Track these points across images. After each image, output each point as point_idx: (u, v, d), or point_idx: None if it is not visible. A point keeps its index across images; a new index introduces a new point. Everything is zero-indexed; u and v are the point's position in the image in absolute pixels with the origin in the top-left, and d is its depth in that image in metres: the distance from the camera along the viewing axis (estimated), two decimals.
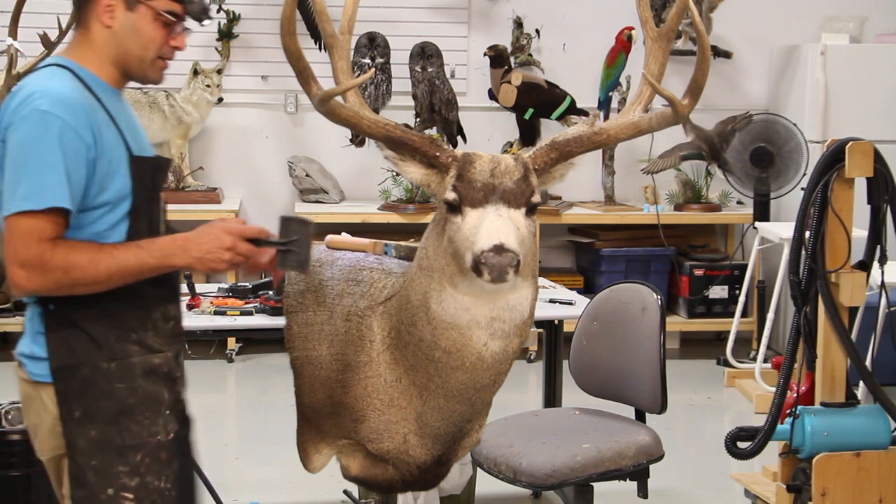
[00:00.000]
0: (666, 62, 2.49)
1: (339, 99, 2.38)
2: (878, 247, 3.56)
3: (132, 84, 2.59)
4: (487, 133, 6.80)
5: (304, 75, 2.36)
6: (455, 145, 6.36)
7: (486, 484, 3.90)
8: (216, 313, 3.82)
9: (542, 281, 4.36)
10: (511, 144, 6.59)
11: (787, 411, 3.53)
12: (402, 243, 2.77)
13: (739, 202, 6.83)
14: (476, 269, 2.21)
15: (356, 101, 2.40)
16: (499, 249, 2.19)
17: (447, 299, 2.34)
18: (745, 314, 6.25)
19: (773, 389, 3.61)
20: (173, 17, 2.48)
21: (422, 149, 2.38)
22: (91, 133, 2.31)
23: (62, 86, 2.33)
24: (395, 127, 2.38)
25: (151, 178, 2.46)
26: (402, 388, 2.51)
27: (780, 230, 5.75)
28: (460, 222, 2.29)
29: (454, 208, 2.31)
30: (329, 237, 2.85)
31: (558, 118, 6.43)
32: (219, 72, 6.40)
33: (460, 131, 6.51)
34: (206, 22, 2.62)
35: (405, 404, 2.52)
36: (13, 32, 3.94)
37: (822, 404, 3.57)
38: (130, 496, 2.38)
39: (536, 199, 2.34)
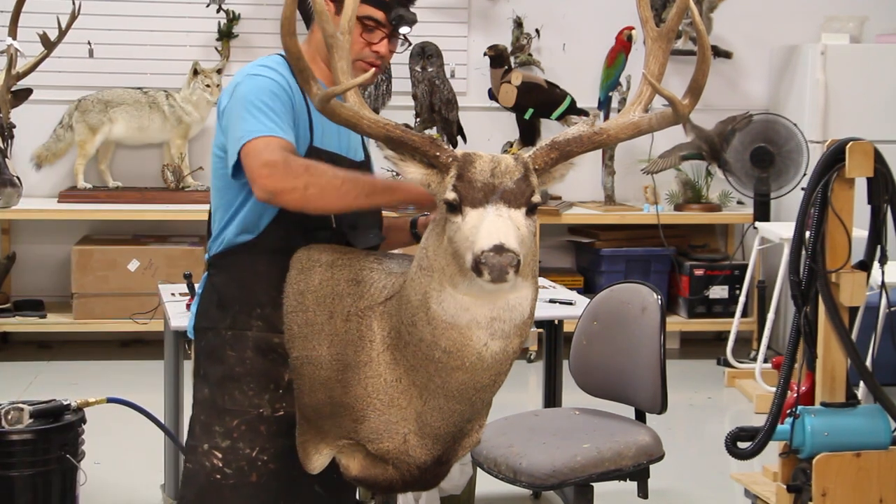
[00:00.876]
0: (666, 62, 2.49)
1: (338, 99, 2.38)
2: (879, 247, 3.56)
3: (131, 83, 2.69)
4: (487, 133, 6.80)
5: (304, 75, 2.37)
6: (455, 145, 6.36)
7: (486, 484, 3.90)
8: None
9: (542, 281, 4.36)
10: (511, 144, 6.59)
11: (788, 411, 3.53)
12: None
13: (739, 202, 6.83)
14: (476, 269, 2.21)
15: (356, 100, 2.40)
16: (499, 249, 2.19)
17: (447, 299, 2.34)
18: (745, 314, 6.25)
19: (773, 389, 3.61)
20: (373, 22, 2.67)
21: (422, 149, 2.38)
22: (291, 99, 2.59)
23: (268, 61, 2.63)
24: (395, 127, 2.38)
25: None
26: (403, 388, 2.51)
27: (780, 230, 5.75)
28: (460, 222, 2.29)
29: (454, 208, 2.31)
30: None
31: (558, 118, 6.43)
32: (219, 72, 6.41)
33: (460, 131, 6.51)
34: (405, 30, 2.74)
35: (405, 404, 2.52)
36: (13, 32, 3.92)
37: (823, 404, 3.57)
38: (219, 455, 2.60)
39: (537, 199, 2.34)
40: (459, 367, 2.38)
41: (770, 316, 5.81)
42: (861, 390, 3.91)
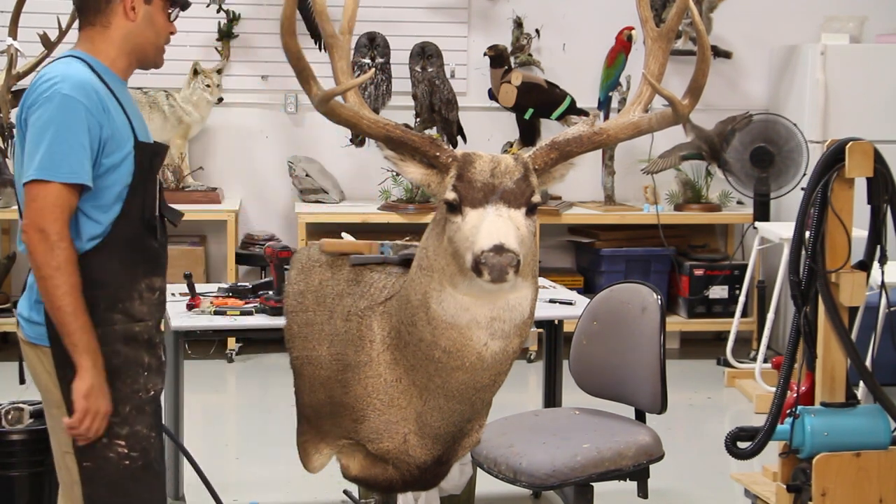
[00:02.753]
0: (666, 62, 2.49)
1: (339, 99, 2.38)
2: (878, 247, 3.56)
3: (132, 83, 2.70)
4: (487, 133, 6.80)
5: (304, 75, 2.37)
6: (455, 145, 6.35)
7: (486, 484, 3.90)
8: (216, 313, 3.82)
9: (542, 281, 4.36)
10: (511, 144, 6.59)
11: (787, 411, 3.53)
12: (398, 242, 2.76)
13: (739, 202, 6.83)
14: (476, 269, 2.21)
15: (356, 100, 2.40)
16: (499, 249, 2.19)
17: (447, 299, 2.34)
18: (745, 314, 6.25)
19: (773, 389, 3.61)
20: (173, 5, 2.75)
21: (422, 149, 2.38)
22: (104, 116, 2.54)
23: (80, 73, 2.56)
24: (395, 127, 2.38)
25: (150, 161, 2.66)
26: (402, 388, 2.51)
27: (780, 230, 5.75)
28: (460, 222, 2.29)
29: (454, 208, 2.31)
30: (323, 240, 2.83)
31: (558, 118, 6.43)
32: (219, 72, 6.41)
33: (460, 131, 6.51)
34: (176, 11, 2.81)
35: (405, 404, 2.52)
36: (13, 32, 3.93)
37: (822, 404, 3.57)
38: (122, 443, 2.61)
39: (536, 199, 2.34)
40: (459, 367, 2.38)
41: (770, 316, 5.81)
42: (861, 390, 3.91)
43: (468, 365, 2.38)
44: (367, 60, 6.29)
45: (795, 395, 3.54)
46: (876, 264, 3.56)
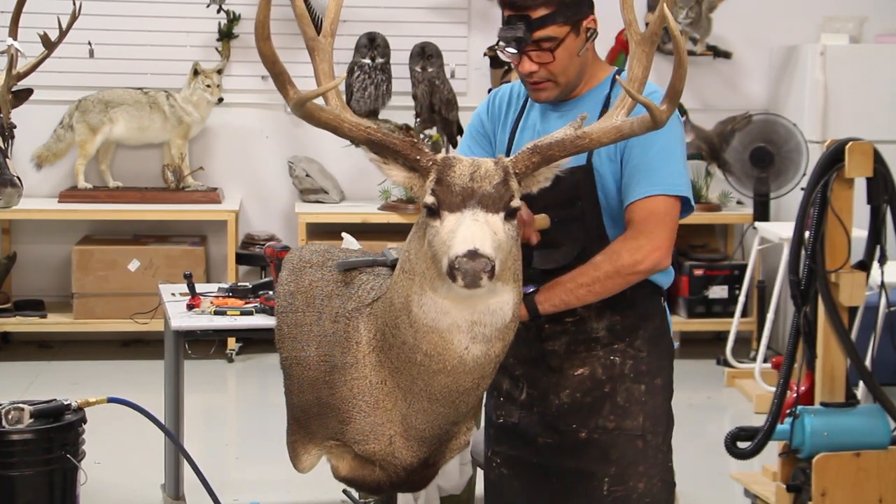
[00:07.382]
0: (650, 66, 2.48)
1: (320, 102, 2.34)
2: (878, 247, 3.56)
3: (132, 84, 2.67)
4: None
5: (280, 79, 2.30)
6: (455, 145, 6.36)
7: None
8: (216, 313, 3.82)
9: None
10: None
11: (787, 411, 3.53)
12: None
13: (739, 202, 6.83)
14: (450, 274, 2.19)
15: (337, 103, 2.35)
16: (472, 255, 2.17)
17: (427, 303, 2.33)
18: (744, 314, 6.26)
19: (773, 389, 3.62)
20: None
21: (403, 152, 2.36)
22: None
23: None
24: (376, 130, 2.35)
25: None
26: (387, 390, 2.50)
27: (780, 230, 5.76)
28: (438, 226, 2.27)
29: (433, 212, 2.29)
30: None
31: None
32: (219, 72, 6.41)
33: (460, 131, 6.51)
34: (511, 51, 2.79)
35: (390, 406, 2.52)
36: (14, 33, 3.92)
37: (822, 404, 3.57)
38: None
39: (516, 203, 2.31)
40: (441, 371, 2.37)
41: (770, 316, 5.82)
42: (860, 390, 3.92)
43: (450, 368, 2.37)
44: (368, 60, 6.29)
45: (795, 394, 3.55)
46: (875, 264, 3.56)
